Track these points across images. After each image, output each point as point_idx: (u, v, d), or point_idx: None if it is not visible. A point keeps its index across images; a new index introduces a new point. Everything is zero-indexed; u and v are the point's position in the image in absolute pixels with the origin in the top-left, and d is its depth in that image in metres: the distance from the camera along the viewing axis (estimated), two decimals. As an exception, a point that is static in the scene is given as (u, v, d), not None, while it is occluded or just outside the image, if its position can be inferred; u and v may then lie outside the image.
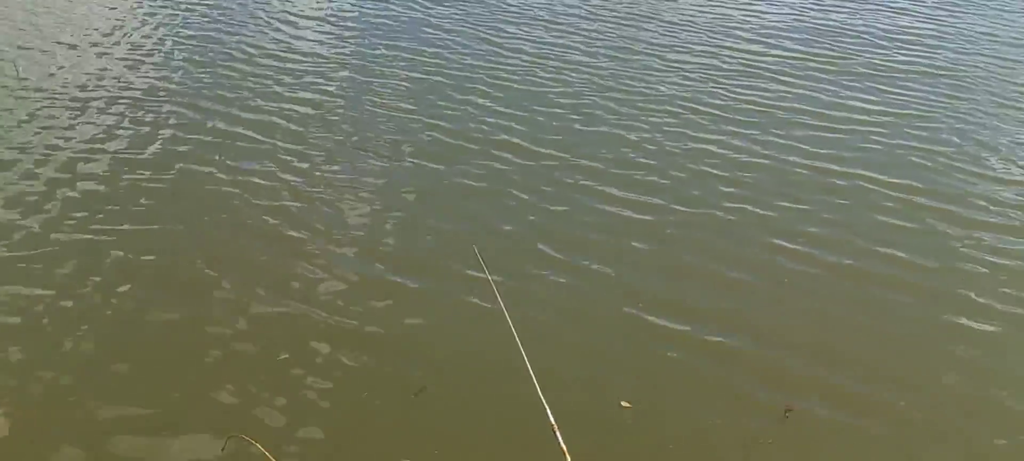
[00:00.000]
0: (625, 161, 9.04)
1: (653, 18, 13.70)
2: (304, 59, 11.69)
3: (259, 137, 9.36)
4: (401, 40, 12.49)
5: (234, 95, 10.41)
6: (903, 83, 11.22)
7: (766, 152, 9.27)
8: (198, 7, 13.73)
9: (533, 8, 13.97)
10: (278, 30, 12.80)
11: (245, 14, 13.44)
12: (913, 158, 9.21)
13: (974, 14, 14.13)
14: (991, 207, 8.30)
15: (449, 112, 10.15)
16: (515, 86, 10.95)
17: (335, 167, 8.80)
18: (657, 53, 12.15)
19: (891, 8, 14.26)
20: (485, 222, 7.96)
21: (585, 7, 14.11)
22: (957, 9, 14.33)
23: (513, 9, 13.92)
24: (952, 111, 10.43)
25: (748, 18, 13.68)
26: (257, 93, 10.54)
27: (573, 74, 11.39)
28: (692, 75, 11.38)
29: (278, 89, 10.67)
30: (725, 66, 11.69)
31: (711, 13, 13.85)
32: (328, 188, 8.40)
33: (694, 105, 10.45)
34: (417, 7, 13.90)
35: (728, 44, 12.52)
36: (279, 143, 9.22)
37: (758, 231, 7.83)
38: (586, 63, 11.75)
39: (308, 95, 10.50)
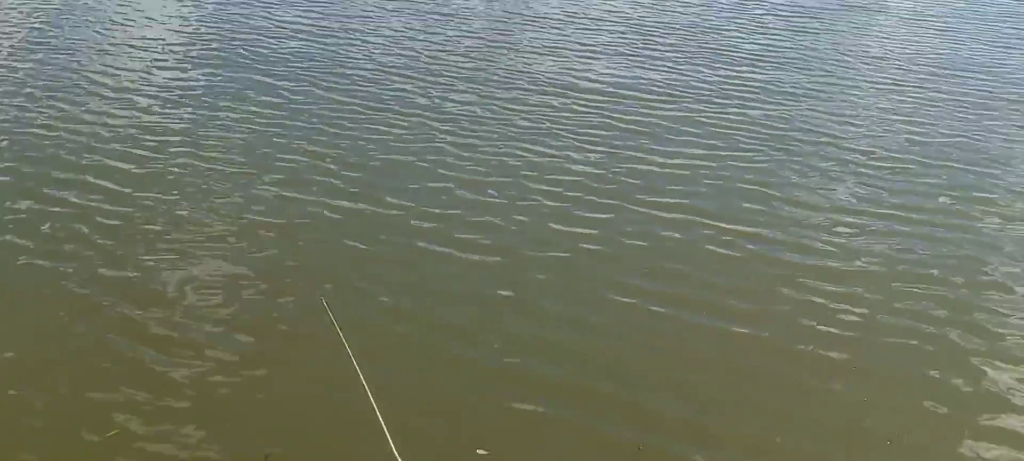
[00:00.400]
0: (472, 204, 9.04)
1: (491, 65, 13.85)
2: (130, 120, 11.22)
3: (82, 192, 8.86)
4: (239, 83, 12.17)
5: (51, 144, 9.80)
6: (735, 134, 11.55)
7: (607, 202, 9.33)
8: (28, 33, 13.05)
9: (381, 49, 13.92)
10: (116, 64, 12.28)
11: (82, 43, 12.83)
12: (745, 203, 9.53)
13: (796, 67, 14.83)
14: (828, 248, 8.60)
15: (290, 160, 9.92)
16: (352, 131, 10.83)
17: (166, 221, 8.45)
18: (496, 100, 12.24)
19: (724, 61, 14.82)
20: (330, 274, 7.77)
21: (428, 53, 14.14)
22: (785, 63, 14.98)
23: (358, 49, 13.84)
24: (780, 151, 10.88)
25: (587, 67, 13.97)
26: (84, 136, 10.04)
27: (418, 118, 11.36)
28: (533, 120, 11.51)
29: (106, 134, 10.19)
30: (564, 117, 11.84)
31: (549, 66, 14.07)
32: (156, 245, 8.06)
33: (535, 149, 10.55)
34: (264, 42, 13.63)
35: (568, 93, 12.72)
36: (104, 205, 8.70)
37: (602, 277, 7.90)
38: (432, 107, 11.76)
39: (135, 149, 10.01)
